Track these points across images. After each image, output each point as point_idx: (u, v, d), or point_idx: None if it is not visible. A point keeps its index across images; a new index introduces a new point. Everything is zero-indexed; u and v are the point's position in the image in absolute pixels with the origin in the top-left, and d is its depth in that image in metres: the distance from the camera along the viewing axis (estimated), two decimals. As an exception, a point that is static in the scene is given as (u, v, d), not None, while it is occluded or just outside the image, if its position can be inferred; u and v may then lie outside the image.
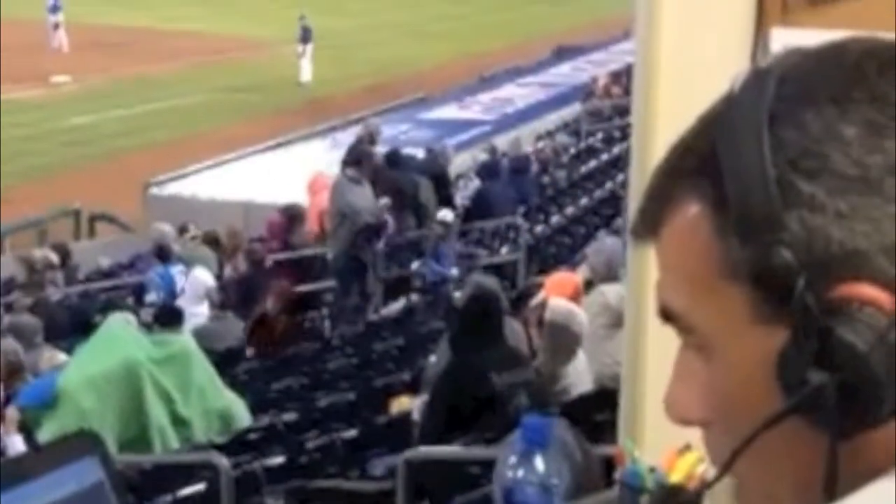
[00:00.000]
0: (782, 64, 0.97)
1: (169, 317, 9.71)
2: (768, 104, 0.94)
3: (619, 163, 16.83)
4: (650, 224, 1.00)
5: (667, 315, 1.00)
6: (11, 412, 8.42)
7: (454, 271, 13.38)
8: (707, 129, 0.98)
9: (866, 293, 0.90)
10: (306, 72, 33.61)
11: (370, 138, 15.60)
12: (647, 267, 2.43)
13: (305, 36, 33.68)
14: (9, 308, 12.49)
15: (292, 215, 15.84)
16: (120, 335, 8.78)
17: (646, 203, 1.01)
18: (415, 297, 13.41)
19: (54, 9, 37.67)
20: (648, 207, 1.00)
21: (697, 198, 0.96)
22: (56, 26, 37.61)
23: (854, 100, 0.93)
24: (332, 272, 13.42)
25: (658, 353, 2.75)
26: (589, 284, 8.17)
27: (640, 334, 2.84)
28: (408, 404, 7.89)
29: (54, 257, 14.61)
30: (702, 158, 0.96)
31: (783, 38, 2.61)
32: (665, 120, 2.74)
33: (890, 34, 0.99)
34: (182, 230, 15.19)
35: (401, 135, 22.90)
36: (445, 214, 14.11)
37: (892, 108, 0.92)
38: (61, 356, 9.38)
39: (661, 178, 1.00)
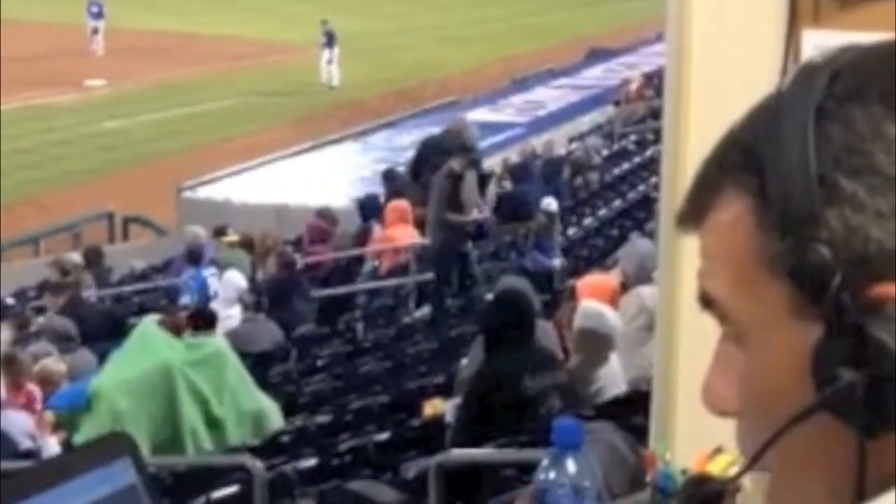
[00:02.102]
0: (836, 60, 0.97)
1: (202, 319, 9.73)
2: (817, 100, 0.94)
3: (652, 165, 16.78)
4: (696, 213, 1.01)
5: (706, 302, 1.00)
6: (46, 415, 8.48)
7: (557, 262, 13.27)
8: (755, 122, 0.98)
9: None
10: (334, 76, 33.62)
11: (458, 130, 15.35)
12: (678, 271, 2.43)
13: (329, 41, 33.67)
14: (43, 311, 12.56)
15: (329, 218, 15.86)
16: (154, 338, 8.81)
17: (692, 192, 1.01)
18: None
19: (97, 14, 37.87)
20: (695, 196, 1.01)
21: (742, 191, 0.96)
22: (95, 31, 37.84)
23: None
24: (433, 264, 13.27)
25: (689, 357, 2.74)
26: (622, 287, 8.15)
27: (672, 338, 2.83)
28: (441, 407, 7.88)
29: (85, 260, 14.66)
30: (748, 151, 0.96)
31: (815, 40, 2.60)
32: (696, 122, 2.73)
33: None
34: (220, 233, 15.23)
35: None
36: (550, 203, 13.98)
37: None
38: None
39: (709, 169, 1.00)
